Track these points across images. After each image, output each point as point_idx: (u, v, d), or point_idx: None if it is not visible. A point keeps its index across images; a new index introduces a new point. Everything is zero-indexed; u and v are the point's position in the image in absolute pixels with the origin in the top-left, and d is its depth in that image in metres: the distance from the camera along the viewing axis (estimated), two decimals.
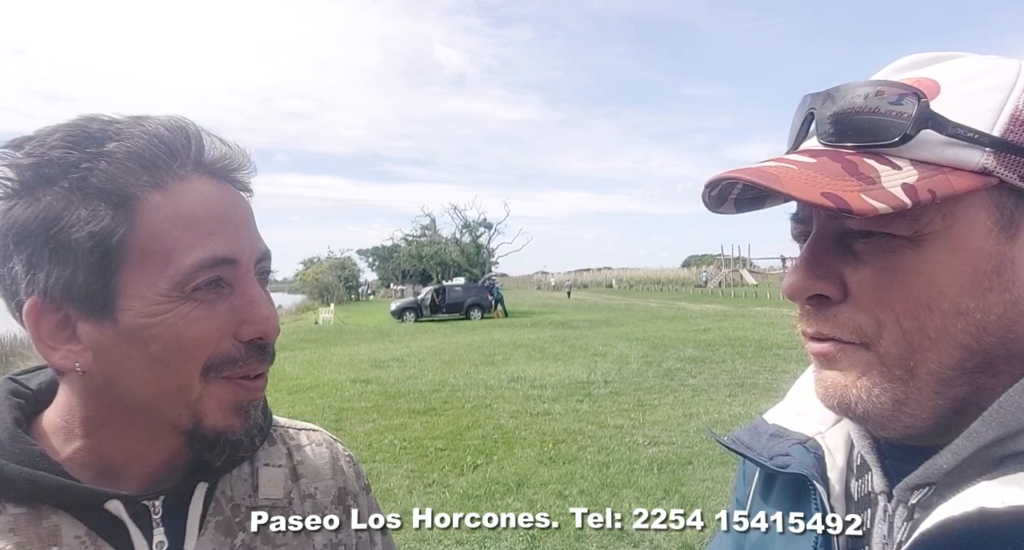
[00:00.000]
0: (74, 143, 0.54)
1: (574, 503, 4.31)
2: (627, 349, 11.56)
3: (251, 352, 0.58)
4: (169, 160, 0.56)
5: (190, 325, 0.55)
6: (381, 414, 7.05)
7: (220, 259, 0.56)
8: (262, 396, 0.61)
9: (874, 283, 0.48)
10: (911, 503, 0.51)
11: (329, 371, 10.20)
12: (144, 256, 0.54)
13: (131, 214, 0.54)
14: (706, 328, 15.02)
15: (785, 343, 11.60)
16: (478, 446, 5.70)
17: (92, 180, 0.53)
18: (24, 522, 0.55)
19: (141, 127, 0.56)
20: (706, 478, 4.66)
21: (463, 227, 52.26)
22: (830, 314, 0.50)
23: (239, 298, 0.58)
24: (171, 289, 0.55)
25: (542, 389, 8.14)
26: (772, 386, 7.86)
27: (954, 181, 0.45)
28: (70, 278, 0.54)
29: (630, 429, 6.09)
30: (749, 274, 51.62)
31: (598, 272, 72.61)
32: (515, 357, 11.23)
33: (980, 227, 0.47)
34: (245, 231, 0.59)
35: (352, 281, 53.75)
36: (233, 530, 0.63)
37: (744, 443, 0.63)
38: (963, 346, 0.47)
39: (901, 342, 0.47)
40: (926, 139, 0.46)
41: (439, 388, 8.47)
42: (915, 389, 0.48)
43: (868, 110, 0.48)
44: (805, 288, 0.50)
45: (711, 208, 0.54)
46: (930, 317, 0.47)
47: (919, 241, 0.47)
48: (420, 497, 4.50)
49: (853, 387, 0.49)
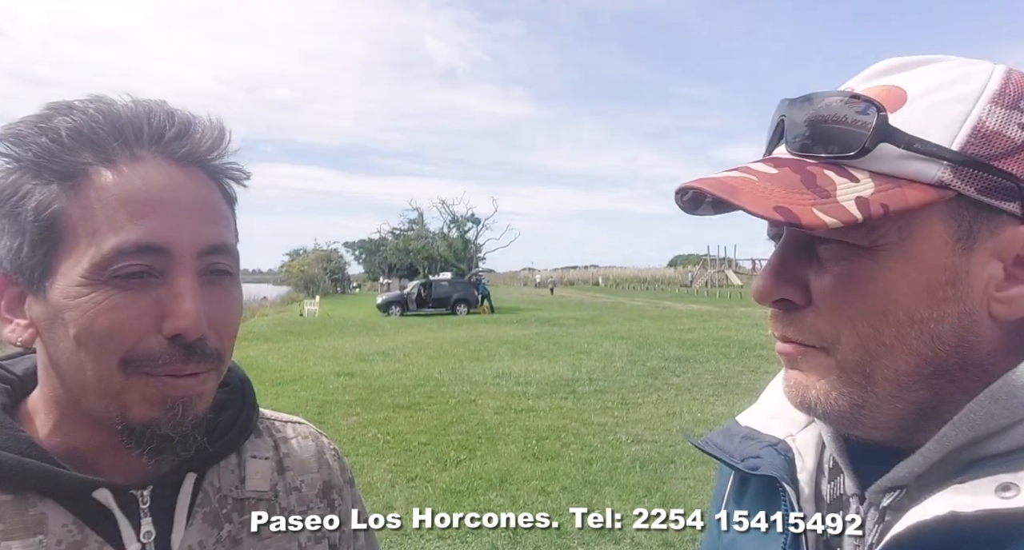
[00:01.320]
0: (29, 119, 0.54)
1: (556, 499, 4.32)
2: (612, 347, 11.61)
3: (174, 350, 0.54)
4: (112, 138, 0.54)
5: (103, 313, 0.52)
6: (365, 408, 7.02)
7: (144, 246, 0.53)
8: (199, 392, 0.56)
9: (833, 290, 0.49)
10: (883, 505, 0.51)
11: (313, 364, 10.14)
12: (76, 234, 0.53)
13: (73, 190, 0.53)
14: (691, 328, 15.12)
15: (768, 344, 11.61)
16: (461, 441, 5.70)
17: (33, 154, 0.53)
18: (9, 509, 0.54)
19: (95, 105, 0.55)
20: (688, 477, 4.70)
21: (451, 222, 52.16)
22: (795, 318, 0.51)
23: (166, 290, 0.54)
24: (89, 272, 0.52)
25: (527, 386, 8.15)
26: (754, 386, 7.88)
27: (909, 194, 0.46)
28: (18, 250, 0.54)
29: (613, 427, 6.12)
30: (734, 275, 52.01)
31: (584, 270, 72.84)
32: (500, 353, 11.23)
33: (936, 239, 0.47)
34: (189, 219, 0.55)
35: (338, 274, 53.45)
36: (220, 521, 0.62)
37: (717, 445, 0.64)
38: (918, 354, 0.48)
39: (858, 349, 0.49)
40: (884, 152, 0.47)
41: (423, 383, 8.46)
42: (872, 394, 0.49)
43: (833, 120, 0.48)
44: (771, 293, 0.51)
45: (687, 212, 0.55)
46: (885, 325, 0.48)
47: (875, 251, 0.47)
48: (402, 491, 4.49)
49: (812, 388, 0.51)
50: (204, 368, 0.56)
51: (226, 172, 0.60)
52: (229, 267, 0.58)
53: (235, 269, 0.60)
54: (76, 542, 0.55)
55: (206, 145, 0.58)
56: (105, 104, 0.56)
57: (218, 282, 0.58)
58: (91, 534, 0.55)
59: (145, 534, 0.58)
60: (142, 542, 0.57)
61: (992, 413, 0.46)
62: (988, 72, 0.49)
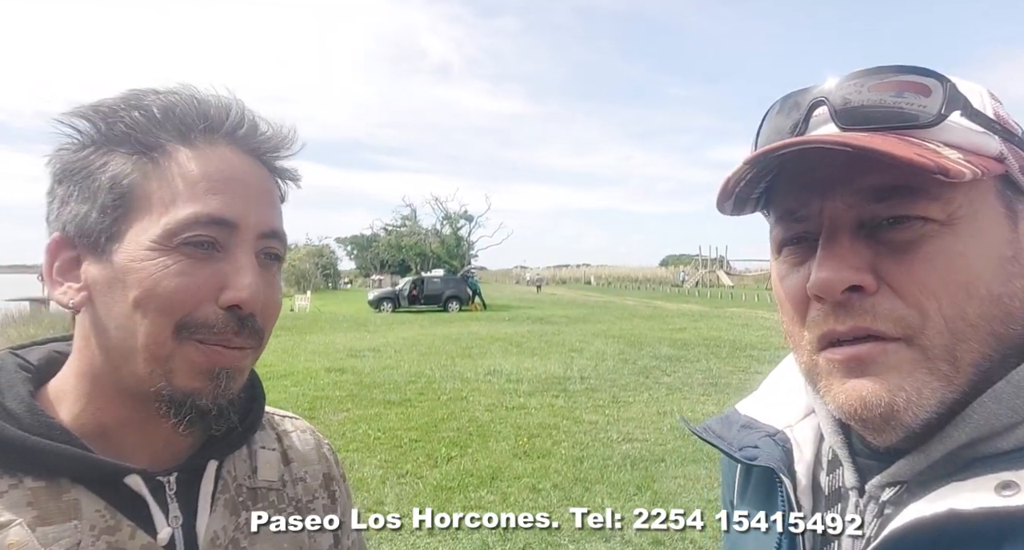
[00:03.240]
0: (122, 97, 0.58)
1: (547, 497, 4.33)
2: (604, 346, 11.63)
3: (229, 320, 0.56)
4: (198, 120, 0.58)
5: (168, 277, 0.55)
6: (356, 404, 7.00)
7: (217, 218, 0.56)
8: (241, 367, 0.59)
9: (914, 269, 0.46)
10: (882, 500, 0.51)
11: (304, 359, 10.11)
12: (150, 203, 0.56)
13: (152, 163, 0.56)
14: (682, 327, 15.17)
15: (759, 344, 11.76)
16: (452, 438, 5.69)
17: (120, 126, 0.56)
18: (43, 496, 0.54)
19: (187, 91, 0.59)
20: (678, 475, 4.71)
21: (444, 218, 52.06)
22: (867, 306, 0.47)
23: (228, 263, 0.57)
24: (160, 237, 0.55)
25: (518, 383, 8.15)
26: (745, 386, 7.93)
27: (986, 163, 0.45)
28: (85, 216, 0.57)
29: (604, 425, 6.13)
30: (725, 275, 52.19)
31: (577, 269, 72.88)
32: (492, 351, 11.23)
33: (997, 214, 0.47)
34: (255, 202, 0.59)
35: (329, 269, 53.27)
36: (238, 509, 0.63)
37: (715, 433, 0.63)
38: (997, 335, 0.47)
39: (944, 332, 0.46)
40: (955, 122, 0.47)
41: (415, 379, 8.44)
42: (957, 386, 0.47)
43: (893, 95, 0.47)
44: (843, 280, 0.47)
45: (723, 197, 0.52)
46: (969, 303, 0.46)
47: (953, 225, 0.46)
48: (393, 488, 4.48)
49: (901, 391, 0.46)
50: (250, 343, 0.59)
51: (283, 172, 0.64)
52: (280, 253, 0.62)
53: (283, 258, 0.63)
54: (109, 527, 0.55)
55: (273, 144, 0.62)
56: (195, 91, 0.60)
57: (270, 266, 0.61)
58: (123, 519, 0.56)
59: (173, 519, 0.59)
60: (171, 527, 0.59)
61: (996, 413, 0.46)
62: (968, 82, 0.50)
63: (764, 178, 0.52)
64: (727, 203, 0.53)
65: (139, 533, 0.56)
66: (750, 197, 0.54)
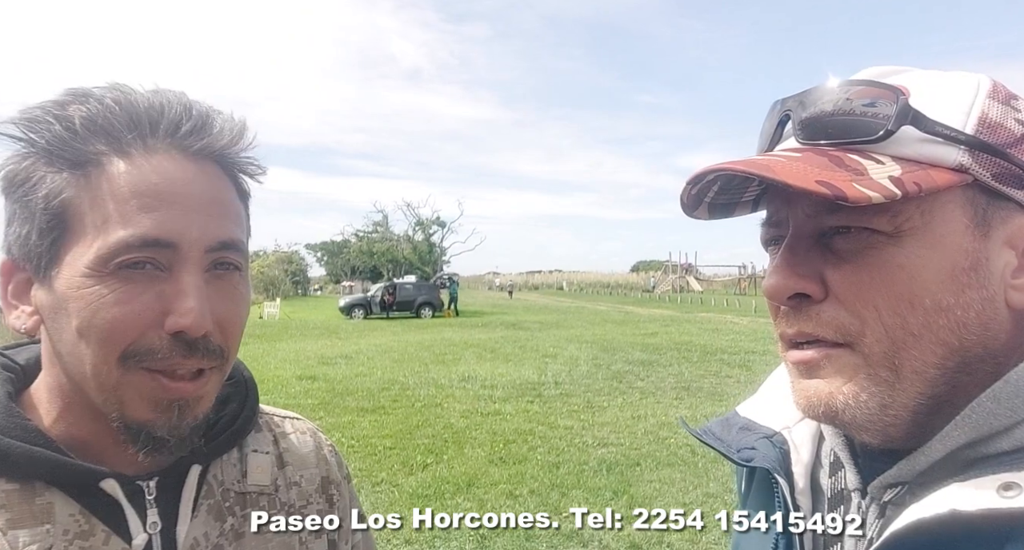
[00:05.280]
0: (45, 105, 0.54)
1: (524, 503, 4.31)
2: (577, 351, 11.67)
3: (175, 346, 0.53)
4: (126, 129, 0.53)
5: (105, 307, 0.52)
6: (328, 412, 6.90)
7: (152, 240, 0.52)
8: (199, 395, 0.56)
9: (855, 279, 0.48)
10: (884, 501, 0.52)
11: (274, 367, 9.94)
12: (83, 225, 0.52)
13: (84, 179, 0.53)
14: (654, 332, 15.32)
15: (729, 348, 11.93)
16: (428, 445, 5.65)
17: (46, 141, 0.53)
18: (16, 498, 0.54)
19: (112, 94, 0.54)
20: (654, 479, 4.74)
21: (416, 224, 51.84)
22: (812, 313, 0.49)
23: (171, 285, 0.53)
24: (94, 263, 0.52)
25: (493, 389, 8.13)
26: (716, 390, 8.06)
27: (935, 176, 0.46)
28: (26, 237, 0.54)
29: (580, 430, 6.14)
30: (695, 280, 52.91)
31: (549, 274, 73.22)
32: (466, 357, 11.19)
33: (956, 224, 0.48)
34: (198, 214, 0.54)
35: (299, 275, 52.60)
36: (223, 514, 0.62)
37: (715, 435, 0.64)
38: (945, 344, 0.47)
39: (884, 340, 0.47)
40: (906, 135, 0.47)
41: (388, 386, 8.37)
42: (900, 391, 0.48)
43: (847, 110, 0.49)
44: (787, 287, 0.50)
45: (687, 209, 0.54)
46: (912, 313, 0.47)
47: (899, 237, 0.47)
48: (368, 496, 4.42)
49: (839, 393, 0.49)
50: (207, 364, 0.55)
51: (241, 167, 0.60)
52: (237, 263, 0.58)
53: (244, 265, 0.59)
54: (83, 532, 0.54)
55: (223, 141, 0.57)
56: (123, 93, 0.55)
57: (226, 277, 0.57)
58: (98, 524, 0.55)
59: (151, 525, 0.57)
60: (148, 533, 0.57)
61: (994, 413, 0.46)
62: (975, 75, 0.50)
63: (749, 184, 0.53)
64: (697, 211, 0.54)
65: (113, 538, 0.55)
66: (740, 201, 0.55)
